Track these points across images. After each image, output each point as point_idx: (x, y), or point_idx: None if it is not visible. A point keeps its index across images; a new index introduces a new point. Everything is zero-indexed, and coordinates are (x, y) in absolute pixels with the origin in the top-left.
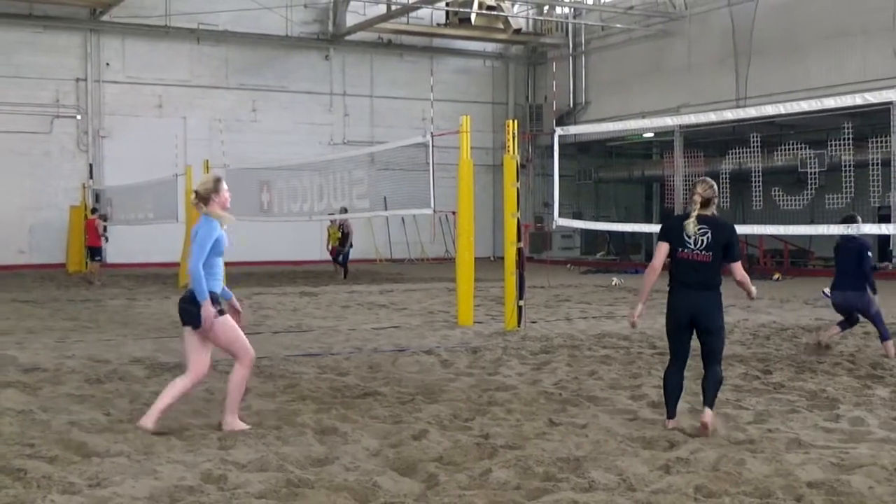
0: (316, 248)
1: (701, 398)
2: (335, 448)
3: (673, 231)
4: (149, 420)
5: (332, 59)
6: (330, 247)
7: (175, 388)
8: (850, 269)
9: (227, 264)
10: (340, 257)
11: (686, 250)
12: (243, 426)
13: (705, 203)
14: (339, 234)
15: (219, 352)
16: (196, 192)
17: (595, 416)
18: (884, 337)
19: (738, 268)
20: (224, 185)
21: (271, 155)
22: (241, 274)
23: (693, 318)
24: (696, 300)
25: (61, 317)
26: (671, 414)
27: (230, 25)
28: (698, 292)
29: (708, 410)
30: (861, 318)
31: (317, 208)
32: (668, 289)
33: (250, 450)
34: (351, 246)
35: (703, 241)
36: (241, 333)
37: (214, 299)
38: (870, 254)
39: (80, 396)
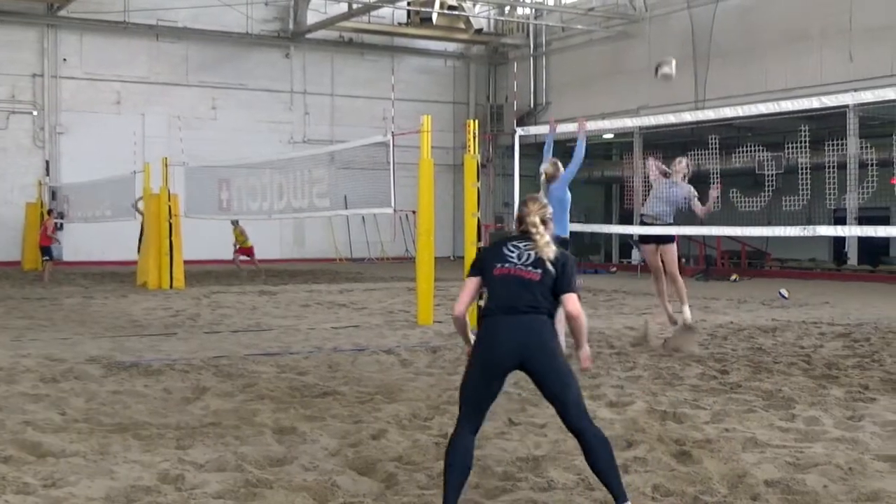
0: (275, 247)
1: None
2: (294, 448)
3: (489, 254)
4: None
5: (293, 57)
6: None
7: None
8: None
9: (186, 262)
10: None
11: (507, 265)
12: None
13: (544, 224)
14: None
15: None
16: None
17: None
18: None
19: (572, 300)
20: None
21: (230, 153)
22: (200, 272)
23: (522, 356)
24: (525, 329)
25: (16, 315)
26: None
27: (190, 22)
28: (527, 316)
29: None
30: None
31: (276, 207)
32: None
33: (208, 449)
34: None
35: (529, 255)
36: None
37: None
38: None
39: (36, 396)
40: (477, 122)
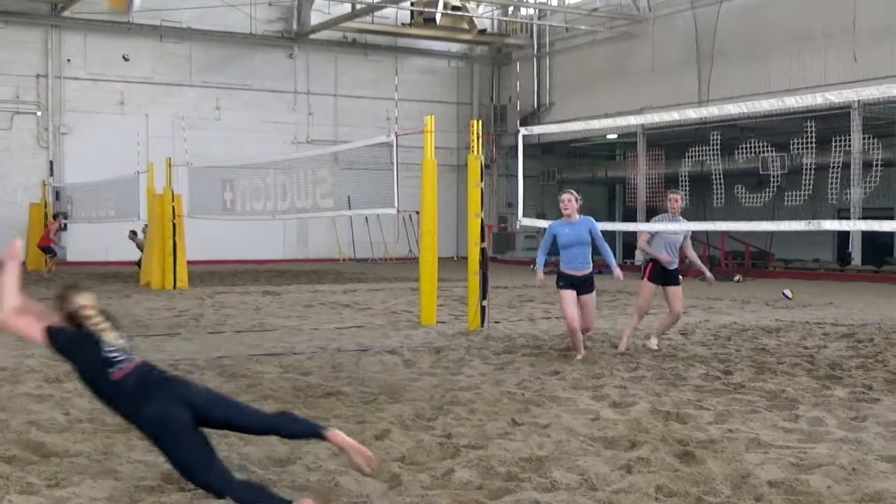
0: (279, 247)
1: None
2: (297, 448)
3: (82, 348)
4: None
5: (297, 58)
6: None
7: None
8: None
9: (189, 263)
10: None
11: (122, 367)
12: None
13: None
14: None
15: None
16: None
17: (557, 415)
18: None
19: None
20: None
21: (234, 153)
22: (204, 272)
23: (193, 406)
24: (168, 385)
25: None
26: None
27: (194, 22)
28: (159, 378)
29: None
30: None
31: (280, 207)
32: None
33: None
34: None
35: (123, 349)
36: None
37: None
38: None
39: (39, 396)
40: (480, 122)
